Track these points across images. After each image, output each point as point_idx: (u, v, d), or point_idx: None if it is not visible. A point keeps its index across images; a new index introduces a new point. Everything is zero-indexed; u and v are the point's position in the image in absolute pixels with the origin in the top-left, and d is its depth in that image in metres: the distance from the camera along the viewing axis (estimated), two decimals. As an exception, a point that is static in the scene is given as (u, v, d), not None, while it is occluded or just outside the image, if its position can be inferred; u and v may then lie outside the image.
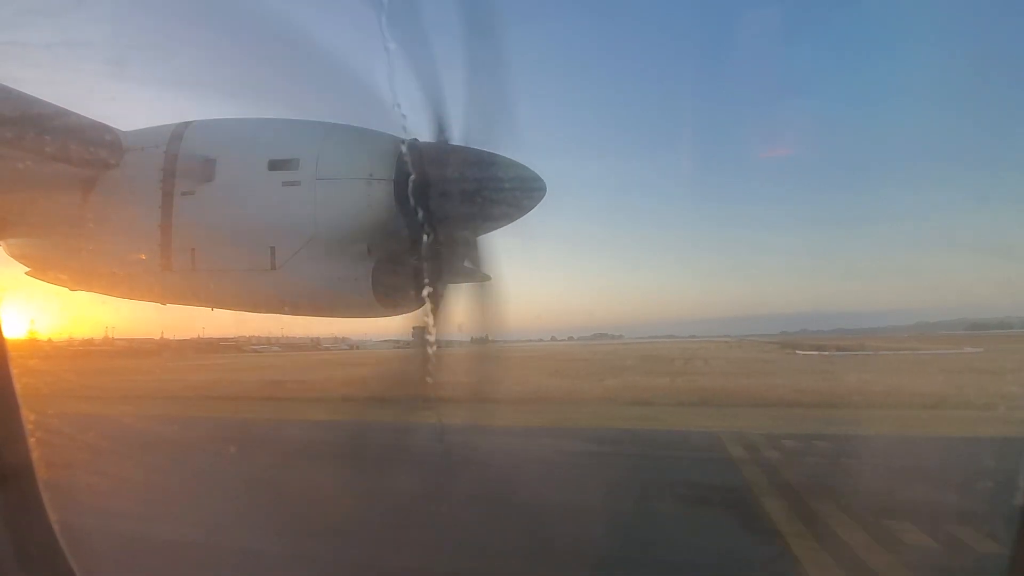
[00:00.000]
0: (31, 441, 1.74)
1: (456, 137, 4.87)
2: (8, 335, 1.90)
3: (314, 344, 59.58)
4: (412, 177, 4.50)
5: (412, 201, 4.51)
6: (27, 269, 5.61)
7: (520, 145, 4.99)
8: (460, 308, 5.12)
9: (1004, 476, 4.76)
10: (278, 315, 5.73)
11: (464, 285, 5.31)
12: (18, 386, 1.76)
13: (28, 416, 1.77)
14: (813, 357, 33.23)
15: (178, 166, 4.89)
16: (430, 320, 4.62)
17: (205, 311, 5.89)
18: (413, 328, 4.89)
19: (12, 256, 5.60)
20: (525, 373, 21.32)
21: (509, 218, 5.15)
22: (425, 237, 4.52)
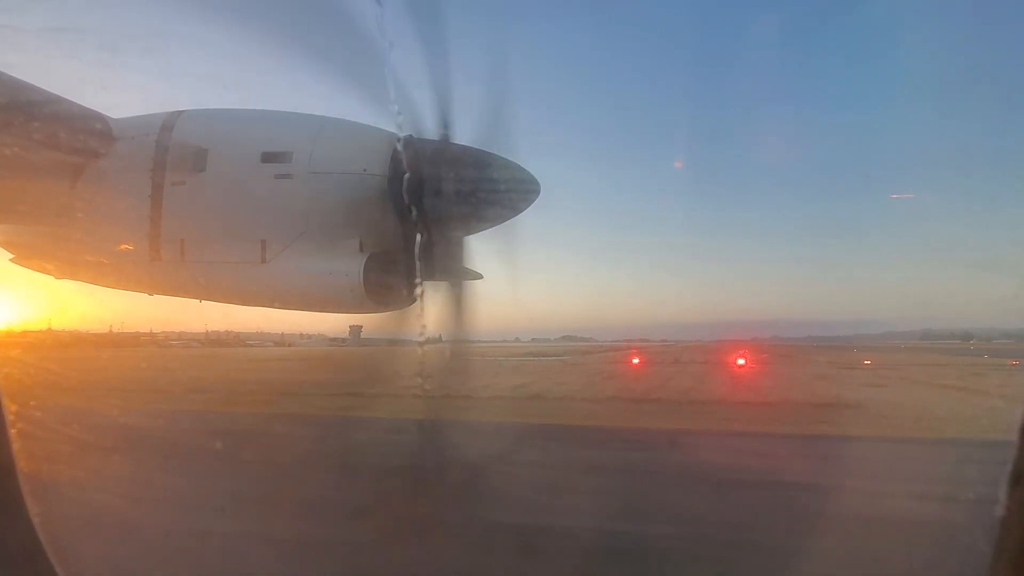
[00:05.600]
0: (12, 433, 1.70)
1: (452, 135, 4.86)
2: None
3: (238, 341, 56.99)
4: (406, 173, 4.47)
5: (405, 197, 4.48)
6: (11, 256, 5.52)
7: (512, 145, 4.98)
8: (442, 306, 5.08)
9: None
10: (267, 309, 5.66)
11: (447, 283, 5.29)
12: None
13: (10, 408, 1.73)
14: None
15: (169, 156, 4.82)
16: (420, 317, 4.60)
17: (190, 303, 5.77)
18: (350, 327, 4.79)
19: (-3, 242, 5.50)
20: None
21: (502, 218, 5.14)
22: (418, 234, 4.50)
